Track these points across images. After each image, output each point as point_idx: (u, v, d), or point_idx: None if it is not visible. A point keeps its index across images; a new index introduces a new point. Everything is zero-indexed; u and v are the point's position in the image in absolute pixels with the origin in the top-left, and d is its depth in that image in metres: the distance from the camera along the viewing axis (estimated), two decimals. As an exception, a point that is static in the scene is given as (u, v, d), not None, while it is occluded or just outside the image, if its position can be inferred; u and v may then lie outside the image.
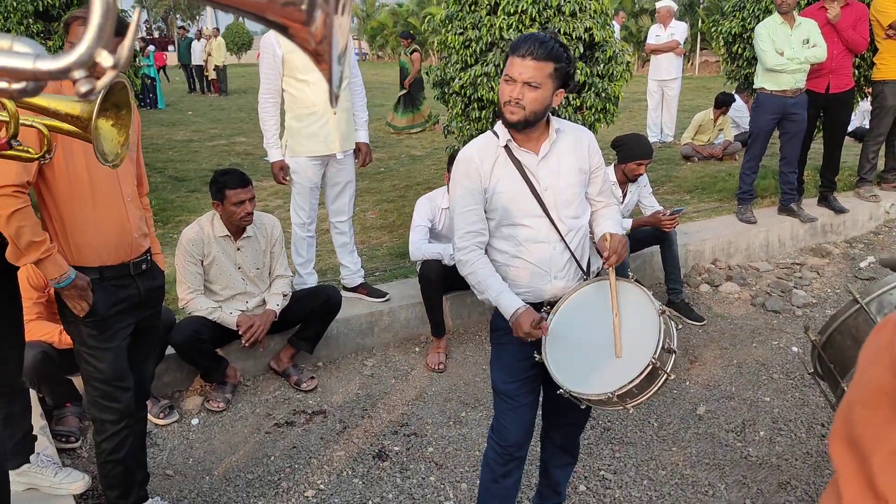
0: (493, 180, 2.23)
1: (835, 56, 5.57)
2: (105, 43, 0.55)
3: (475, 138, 2.32)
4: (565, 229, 2.25)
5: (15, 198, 2.21)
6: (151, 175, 8.06)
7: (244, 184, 3.59)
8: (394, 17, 37.34)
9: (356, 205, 4.74)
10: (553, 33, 2.16)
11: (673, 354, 2.09)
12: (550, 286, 2.28)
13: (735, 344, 4.38)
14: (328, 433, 3.45)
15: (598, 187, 2.37)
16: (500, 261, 2.30)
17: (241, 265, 3.75)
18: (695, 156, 8.53)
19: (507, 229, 2.26)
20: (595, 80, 4.77)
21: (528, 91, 2.09)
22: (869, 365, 0.66)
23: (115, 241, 2.42)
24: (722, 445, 3.35)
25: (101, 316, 2.40)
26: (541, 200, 2.22)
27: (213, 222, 3.69)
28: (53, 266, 2.27)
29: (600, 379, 2.10)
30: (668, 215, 4.51)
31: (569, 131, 2.29)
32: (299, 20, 0.56)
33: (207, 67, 19.48)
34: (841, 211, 6.10)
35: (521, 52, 2.07)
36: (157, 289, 2.67)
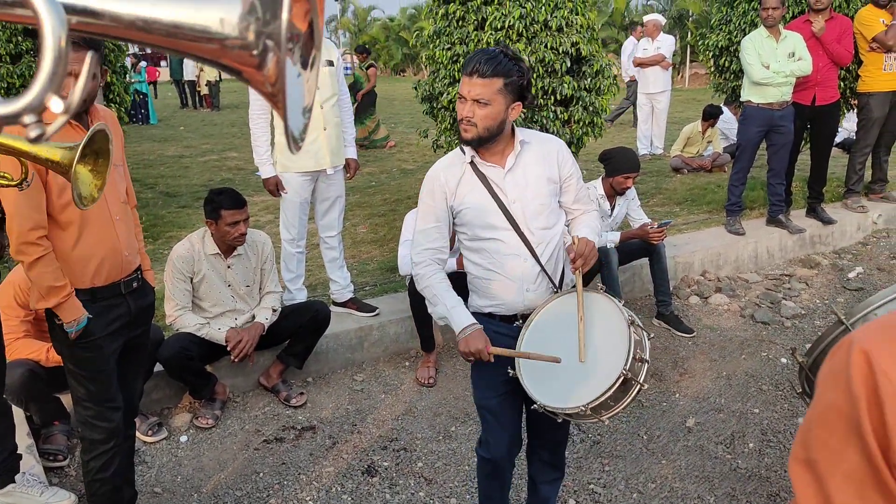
0: (459, 196, 2.25)
1: (820, 69, 5.63)
2: (56, 88, 0.55)
3: (445, 155, 2.35)
4: (535, 241, 2.25)
5: (37, 245, 2.26)
6: (142, 191, 8.07)
7: (239, 205, 3.59)
8: (385, 32, 37.54)
9: (347, 219, 4.76)
10: (503, 48, 2.16)
11: (645, 364, 2.10)
12: (523, 299, 2.28)
13: (724, 356, 4.39)
14: (317, 449, 3.44)
15: (573, 195, 2.37)
16: (475, 274, 2.33)
17: (231, 283, 3.75)
18: (684, 168, 8.58)
19: (479, 243, 2.28)
20: (582, 94, 4.81)
21: (478, 108, 2.10)
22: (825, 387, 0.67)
23: (105, 262, 2.43)
24: (711, 458, 3.35)
25: (95, 337, 2.41)
26: (508, 213, 2.23)
27: (203, 239, 3.68)
28: (71, 309, 2.32)
29: (574, 392, 2.10)
30: (655, 228, 4.54)
31: (535, 142, 2.29)
32: (252, 65, 0.57)
33: (199, 83, 19.53)
34: (829, 222, 6.14)
35: (469, 71, 2.09)
36: (148, 306, 2.68)
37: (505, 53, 2.11)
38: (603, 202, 4.63)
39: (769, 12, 5.35)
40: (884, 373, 0.61)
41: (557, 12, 4.70)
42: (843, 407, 0.63)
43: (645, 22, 9.77)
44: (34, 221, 2.24)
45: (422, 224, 2.31)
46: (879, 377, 0.61)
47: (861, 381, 0.62)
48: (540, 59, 4.65)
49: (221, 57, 0.58)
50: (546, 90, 4.74)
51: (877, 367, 0.62)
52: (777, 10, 5.32)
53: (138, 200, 7.34)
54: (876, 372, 0.61)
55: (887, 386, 0.61)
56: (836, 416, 0.64)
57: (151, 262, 2.86)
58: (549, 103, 4.78)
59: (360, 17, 42.08)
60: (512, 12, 4.64)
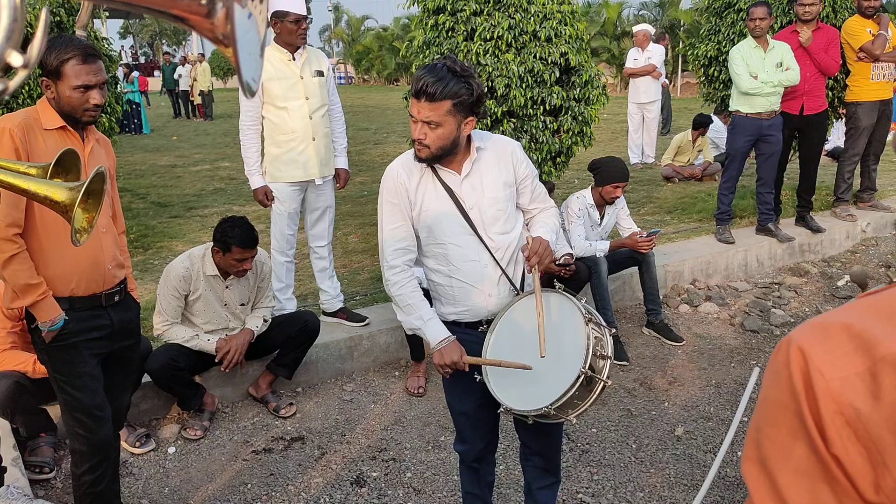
0: (418, 198, 2.23)
1: (808, 78, 5.67)
2: (14, 44, 0.56)
3: (402, 155, 2.32)
4: (494, 246, 2.25)
5: (11, 242, 2.26)
6: (133, 201, 8.07)
7: (251, 244, 3.53)
8: (379, 41, 37.61)
9: (338, 228, 4.77)
10: (451, 62, 2.09)
11: (608, 361, 2.10)
12: (486, 304, 2.28)
13: (714, 364, 4.40)
14: (306, 459, 3.43)
15: (530, 196, 2.37)
16: (435, 280, 2.32)
17: (228, 302, 3.74)
18: (675, 177, 8.62)
19: (437, 248, 2.26)
20: (571, 104, 4.83)
21: (429, 130, 2.09)
22: (768, 386, 0.69)
23: (86, 273, 2.42)
24: (700, 466, 3.35)
25: (70, 341, 2.40)
26: (468, 219, 2.22)
27: (204, 258, 3.64)
28: (47, 308, 2.32)
29: (537, 393, 2.11)
30: (644, 237, 4.56)
31: (491, 147, 2.28)
32: (200, 13, 0.58)
33: (193, 93, 19.54)
34: (818, 230, 6.17)
35: (416, 93, 2.06)
36: (132, 320, 2.68)
37: (453, 71, 2.06)
38: (592, 211, 4.64)
39: (756, 23, 5.39)
40: (817, 368, 0.64)
41: (546, 23, 4.73)
42: (787, 403, 0.66)
43: (635, 32, 9.83)
44: (11, 218, 2.24)
45: (389, 223, 2.27)
46: (814, 373, 0.64)
47: (800, 376, 0.65)
48: (529, 69, 4.68)
49: (171, 7, 0.58)
50: (535, 100, 4.76)
51: (811, 363, 0.64)
52: (764, 21, 5.37)
53: (130, 210, 7.34)
54: (811, 368, 0.64)
55: (821, 382, 0.63)
56: (781, 412, 0.67)
57: (142, 272, 2.87)
58: (538, 113, 4.80)
59: (353, 26, 42.17)
60: (501, 23, 4.67)
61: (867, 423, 0.61)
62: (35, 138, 2.31)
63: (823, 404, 0.63)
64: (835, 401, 0.63)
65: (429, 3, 4.93)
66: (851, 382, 0.62)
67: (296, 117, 4.03)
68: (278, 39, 4.03)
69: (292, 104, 4.02)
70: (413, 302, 2.25)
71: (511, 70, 4.64)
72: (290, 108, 4.02)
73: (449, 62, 2.08)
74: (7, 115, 2.35)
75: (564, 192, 6.69)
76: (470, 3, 4.77)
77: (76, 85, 2.31)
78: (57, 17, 6.35)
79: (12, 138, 2.23)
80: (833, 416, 0.62)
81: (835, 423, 0.62)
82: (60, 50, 2.29)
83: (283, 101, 4.01)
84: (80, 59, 2.30)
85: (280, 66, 4.01)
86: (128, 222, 6.77)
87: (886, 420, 0.60)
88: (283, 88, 4.00)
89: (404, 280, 2.27)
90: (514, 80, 4.65)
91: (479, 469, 2.57)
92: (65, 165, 1.70)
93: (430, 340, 2.21)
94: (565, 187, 7.55)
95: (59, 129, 2.38)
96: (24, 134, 2.27)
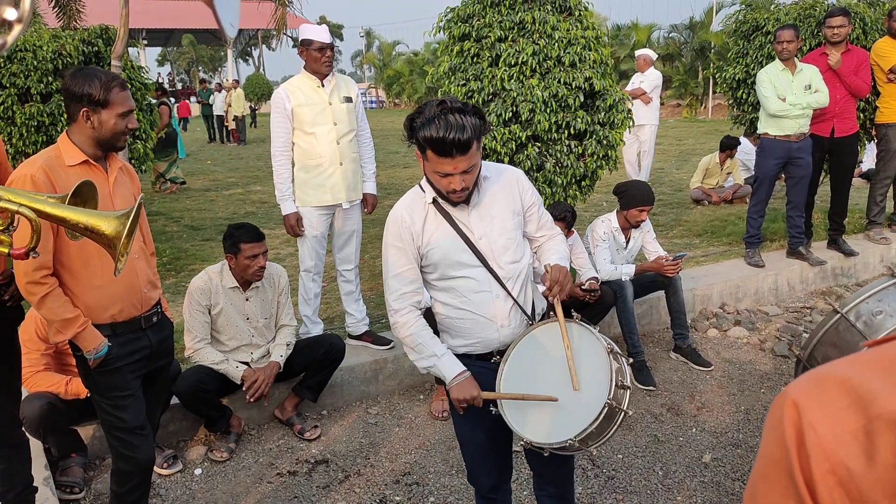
0: (425, 237, 2.21)
1: (838, 101, 5.62)
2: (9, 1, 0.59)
3: (404, 195, 2.30)
4: (505, 276, 2.23)
5: (40, 284, 2.33)
6: (168, 224, 8.23)
7: (258, 238, 3.66)
8: (409, 66, 38.07)
9: (366, 251, 4.81)
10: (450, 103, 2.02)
11: (627, 391, 2.09)
12: (498, 335, 2.26)
13: (743, 390, 4.33)
14: (330, 482, 3.45)
15: (537, 223, 2.35)
16: (444, 314, 2.29)
17: (250, 316, 3.80)
18: (704, 199, 8.55)
19: (447, 282, 2.24)
20: (596, 128, 4.84)
21: (467, 176, 2.07)
22: (765, 440, 0.67)
23: (124, 298, 2.50)
24: (728, 494, 3.29)
25: (114, 366, 2.47)
26: (476, 250, 2.20)
27: (221, 273, 3.74)
28: (90, 337, 2.39)
29: (559, 425, 2.08)
30: (670, 261, 4.53)
31: (495, 176, 2.26)
32: None
33: (227, 118, 19.95)
34: (850, 254, 6.07)
35: (446, 152, 1.99)
36: (167, 339, 2.76)
37: (461, 111, 2.00)
38: (618, 235, 4.63)
39: (784, 45, 5.37)
40: (810, 424, 0.61)
41: (570, 48, 4.76)
42: (780, 459, 0.63)
43: (636, 56, 9.73)
44: (38, 262, 2.29)
45: (394, 268, 2.24)
46: (806, 429, 0.61)
47: (792, 431, 0.62)
48: (553, 94, 4.70)
49: None
50: (560, 124, 4.79)
51: (804, 418, 0.62)
52: (791, 44, 5.34)
53: (164, 233, 7.47)
54: (803, 423, 0.62)
55: (813, 437, 0.61)
56: (774, 469, 0.64)
57: (174, 294, 2.95)
58: (562, 137, 4.82)
59: (385, 51, 42.79)
60: (525, 49, 4.71)
61: (860, 484, 0.58)
62: (59, 177, 2.34)
63: (815, 462, 0.60)
64: (827, 459, 0.60)
65: (454, 30, 5.00)
66: (845, 440, 0.60)
67: (324, 142, 4.11)
68: (307, 67, 4.13)
69: (320, 129, 4.10)
70: (423, 341, 2.23)
71: (535, 95, 4.67)
72: (318, 133, 4.10)
73: (450, 103, 2.03)
74: (28, 161, 2.39)
75: (591, 216, 6.68)
76: (495, 29, 4.82)
77: (122, 112, 2.41)
78: (95, 47, 6.56)
79: (35, 183, 2.27)
80: (825, 476, 0.60)
81: (826, 483, 0.60)
82: (101, 81, 2.37)
83: (311, 127, 4.09)
84: (121, 87, 2.42)
85: (309, 92, 4.10)
86: (161, 245, 6.95)
87: (881, 482, 0.57)
88: (311, 114, 4.08)
89: (412, 320, 2.24)
90: (539, 105, 4.68)
91: (496, 499, 2.52)
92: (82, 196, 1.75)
93: (446, 377, 2.18)
94: (592, 210, 7.53)
95: (82, 164, 2.42)
96: (46, 176, 2.31)
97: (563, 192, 4.91)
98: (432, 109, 2.02)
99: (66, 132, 2.46)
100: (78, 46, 6.40)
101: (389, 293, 2.26)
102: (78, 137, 2.42)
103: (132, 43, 14.74)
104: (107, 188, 2.47)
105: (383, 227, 2.36)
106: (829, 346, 2.59)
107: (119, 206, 2.48)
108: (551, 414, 2.12)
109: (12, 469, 2.69)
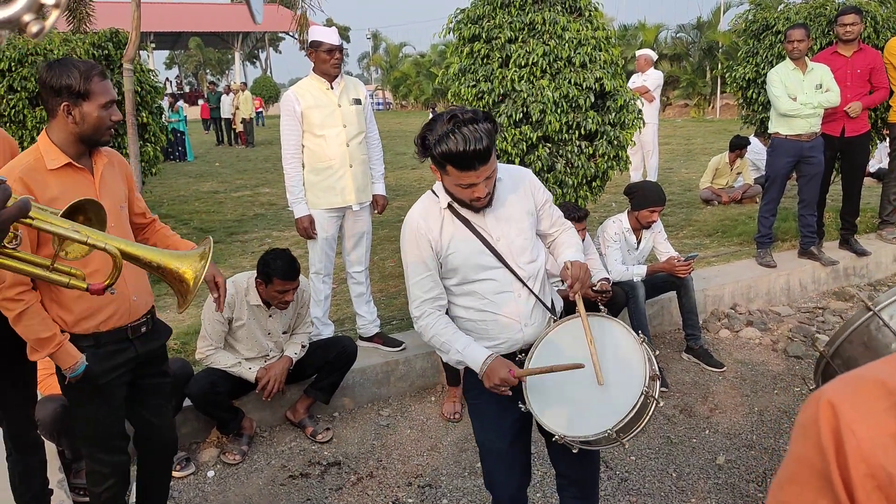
0: (443, 242, 2.20)
1: (849, 100, 5.58)
2: None
3: (417, 201, 2.29)
4: (525, 275, 2.23)
5: (15, 301, 2.20)
6: (177, 227, 8.25)
7: (292, 277, 3.57)
8: (416, 68, 38.11)
9: (375, 253, 4.81)
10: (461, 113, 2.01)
11: (657, 380, 2.08)
12: (522, 334, 2.26)
13: (756, 391, 4.31)
14: (342, 484, 3.44)
15: (550, 220, 2.36)
16: (466, 317, 2.28)
17: (271, 331, 3.78)
18: (714, 199, 8.51)
19: (469, 286, 2.23)
20: (607, 129, 4.83)
21: (489, 181, 2.07)
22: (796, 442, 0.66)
23: (110, 309, 2.37)
24: (743, 496, 3.27)
25: (97, 383, 2.37)
26: (495, 252, 2.20)
27: (248, 288, 3.68)
28: (65, 356, 2.27)
29: (592, 417, 2.07)
30: (682, 261, 4.50)
31: (507, 177, 2.26)
32: None
33: (235, 120, 20.02)
34: (863, 253, 6.03)
35: (472, 165, 1.99)
36: (158, 348, 2.62)
37: (474, 120, 1.99)
38: (629, 235, 4.62)
39: (794, 45, 5.34)
40: (848, 426, 0.61)
41: (581, 49, 4.75)
42: (815, 461, 0.62)
43: (637, 56, 9.70)
44: (15, 278, 2.16)
45: (414, 277, 2.23)
46: (844, 430, 0.61)
47: (829, 433, 0.61)
48: (564, 94, 4.70)
49: None
50: (570, 125, 4.77)
51: (842, 420, 0.61)
52: (802, 43, 5.31)
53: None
54: (841, 426, 0.61)
55: (851, 440, 0.60)
56: (807, 470, 0.63)
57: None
58: (573, 138, 4.81)
59: (391, 53, 42.85)
60: (535, 50, 4.70)
61: None
62: (39, 185, 2.20)
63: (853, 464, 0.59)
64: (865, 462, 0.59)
65: (464, 31, 5.00)
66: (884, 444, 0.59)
67: (333, 145, 4.11)
68: (316, 69, 4.13)
69: (329, 132, 4.10)
70: (446, 338, 2.22)
71: (546, 96, 4.66)
72: (327, 135, 4.10)
73: (461, 115, 2.01)
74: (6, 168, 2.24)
75: (601, 216, 6.66)
76: (505, 30, 4.82)
77: (105, 102, 2.26)
78: (105, 50, 6.59)
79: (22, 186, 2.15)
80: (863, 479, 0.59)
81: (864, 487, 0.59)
82: (80, 71, 2.22)
83: (320, 129, 4.09)
84: (101, 76, 2.27)
85: (318, 95, 4.10)
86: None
87: None
88: (321, 117, 4.08)
89: (432, 322, 2.24)
90: (549, 106, 4.67)
91: None
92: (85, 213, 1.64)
93: (475, 365, 2.17)
94: (602, 211, 7.51)
95: (65, 168, 2.27)
96: (24, 187, 2.16)
97: (573, 192, 4.90)
98: (444, 125, 2.00)
99: (46, 130, 2.29)
100: (88, 50, 6.43)
101: (411, 301, 2.27)
102: (58, 135, 2.27)
103: (142, 46, 14.83)
104: (93, 191, 2.33)
105: (392, 229, 2.35)
106: (859, 345, 2.56)
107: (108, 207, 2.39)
108: (581, 406, 2.12)
109: (28, 471, 2.70)
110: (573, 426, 2.09)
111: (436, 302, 2.25)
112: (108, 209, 2.40)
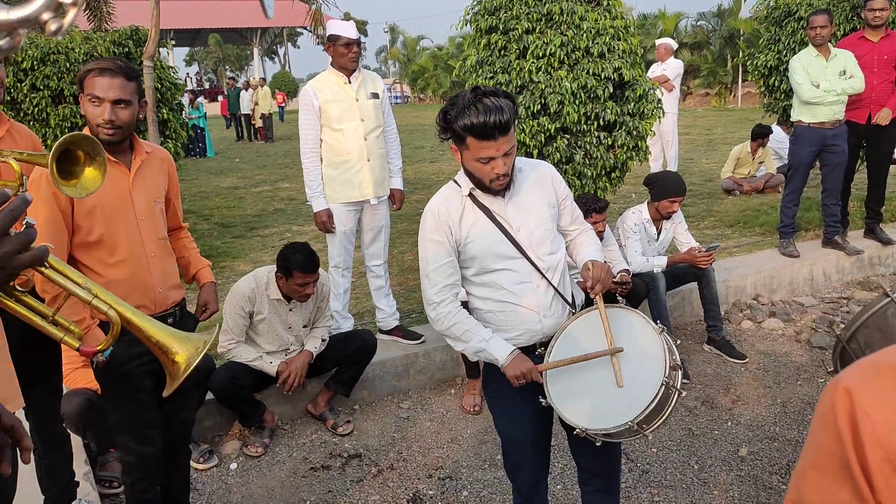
0: (463, 230, 2.20)
1: (875, 86, 5.49)
2: None
3: (439, 191, 2.29)
4: (545, 267, 2.23)
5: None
6: (198, 222, 8.32)
7: (311, 270, 3.58)
8: (434, 61, 38.06)
9: (394, 246, 4.82)
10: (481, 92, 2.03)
11: (679, 371, 2.06)
12: (541, 326, 2.25)
13: (779, 382, 4.27)
14: (363, 476, 3.46)
15: (570, 217, 2.36)
16: (485, 308, 2.27)
17: (292, 325, 3.81)
18: (736, 189, 8.42)
19: (488, 276, 2.23)
20: (626, 119, 4.79)
21: (508, 159, 2.08)
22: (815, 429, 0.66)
23: (133, 298, 2.37)
24: (766, 488, 3.25)
25: (118, 370, 2.40)
26: (515, 242, 2.20)
27: (269, 282, 3.71)
28: (92, 339, 2.31)
29: (614, 410, 2.06)
30: (703, 252, 4.46)
31: (528, 169, 2.27)
32: None
33: (254, 116, 20.12)
34: (888, 242, 5.94)
35: (492, 135, 2.00)
36: None
37: (493, 94, 2.02)
38: (649, 226, 4.58)
39: (817, 31, 5.26)
40: (863, 411, 0.60)
41: (599, 39, 4.71)
42: (833, 447, 0.62)
43: (657, 45, 9.59)
44: None
45: (434, 262, 2.23)
46: (860, 415, 0.60)
47: (846, 419, 0.61)
48: (582, 85, 4.66)
49: None
50: (589, 115, 4.74)
51: (858, 405, 0.61)
52: (825, 29, 5.23)
53: (195, 231, 7.53)
54: (857, 410, 0.61)
55: (867, 425, 0.60)
56: (826, 457, 0.63)
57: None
58: (592, 128, 4.78)
59: (409, 46, 42.82)
60: (553, 40, 4.67)
61: None
62: None
63: (870, 449, 0.59)
64: (881, 446, 0.59)
65: (481, 22, 4.98)
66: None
67: (351, 139, 4.11)
68: (334, 63, 4.14)
69: (347, 126, 4.11)
70: (468, 328, 2.22)
71: (564, 87, 4.63)
72: (345, 129, 4.11)
73: (483, 88, 2.04)
74: None
75: (621, 207, 6.61)
76: (522, 21, 4.79)
77: (92, 97, 2.27)
78: (125, 48, 6.65)
79: (49, 181, 2.17)
80: (880, 463, 0.59)
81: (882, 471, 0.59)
82: (87, 66, 2.30)
83: (338, 124, 4.10)
84: (97, 73, 2.28)
85: (336, 89, 4.11)
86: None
87: None
88: (339, 111, 4.09)
89: (454, 310, 2.23)
90: (567, 97, 4.64)
91: (533, 499, 2.48)
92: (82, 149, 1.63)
93: (498, 358, 2.17)
94: (621, 202, 7.46)
95: None
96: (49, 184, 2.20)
97: (592, 183, 4.87)
98: (467, 97, 2.03)
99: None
100: (109, 48, 6.49)
101: (430, 287, 2.24)
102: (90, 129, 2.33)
103: (161, 43, 14.93)
104: (126, 184, 2.37)
105: (410, 222, 2.36)
106: (875, 330, 2.54)
107: (138, 204, 2.42)
108: (602, 399, 2.11)
109: (55, 464, 2.74)
110: (594, 419, 2.08)
111: (454, 289, 2.25)
112: (141, 204, 2.43)
